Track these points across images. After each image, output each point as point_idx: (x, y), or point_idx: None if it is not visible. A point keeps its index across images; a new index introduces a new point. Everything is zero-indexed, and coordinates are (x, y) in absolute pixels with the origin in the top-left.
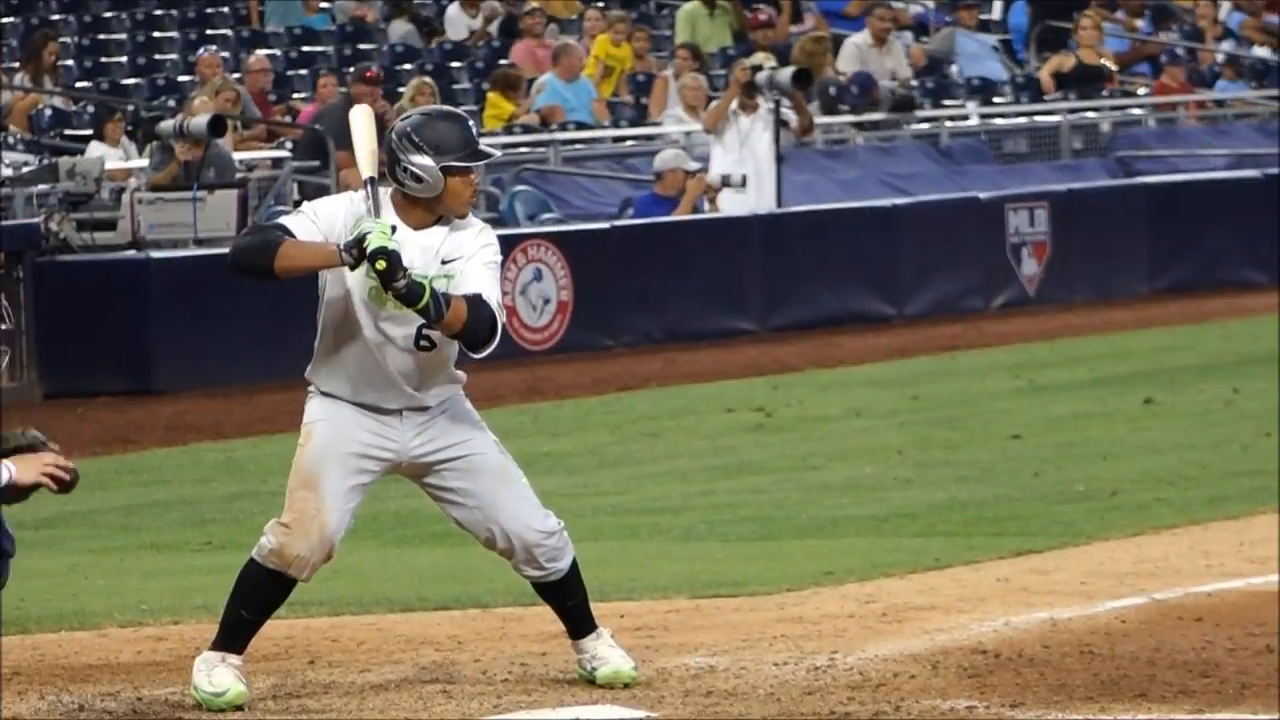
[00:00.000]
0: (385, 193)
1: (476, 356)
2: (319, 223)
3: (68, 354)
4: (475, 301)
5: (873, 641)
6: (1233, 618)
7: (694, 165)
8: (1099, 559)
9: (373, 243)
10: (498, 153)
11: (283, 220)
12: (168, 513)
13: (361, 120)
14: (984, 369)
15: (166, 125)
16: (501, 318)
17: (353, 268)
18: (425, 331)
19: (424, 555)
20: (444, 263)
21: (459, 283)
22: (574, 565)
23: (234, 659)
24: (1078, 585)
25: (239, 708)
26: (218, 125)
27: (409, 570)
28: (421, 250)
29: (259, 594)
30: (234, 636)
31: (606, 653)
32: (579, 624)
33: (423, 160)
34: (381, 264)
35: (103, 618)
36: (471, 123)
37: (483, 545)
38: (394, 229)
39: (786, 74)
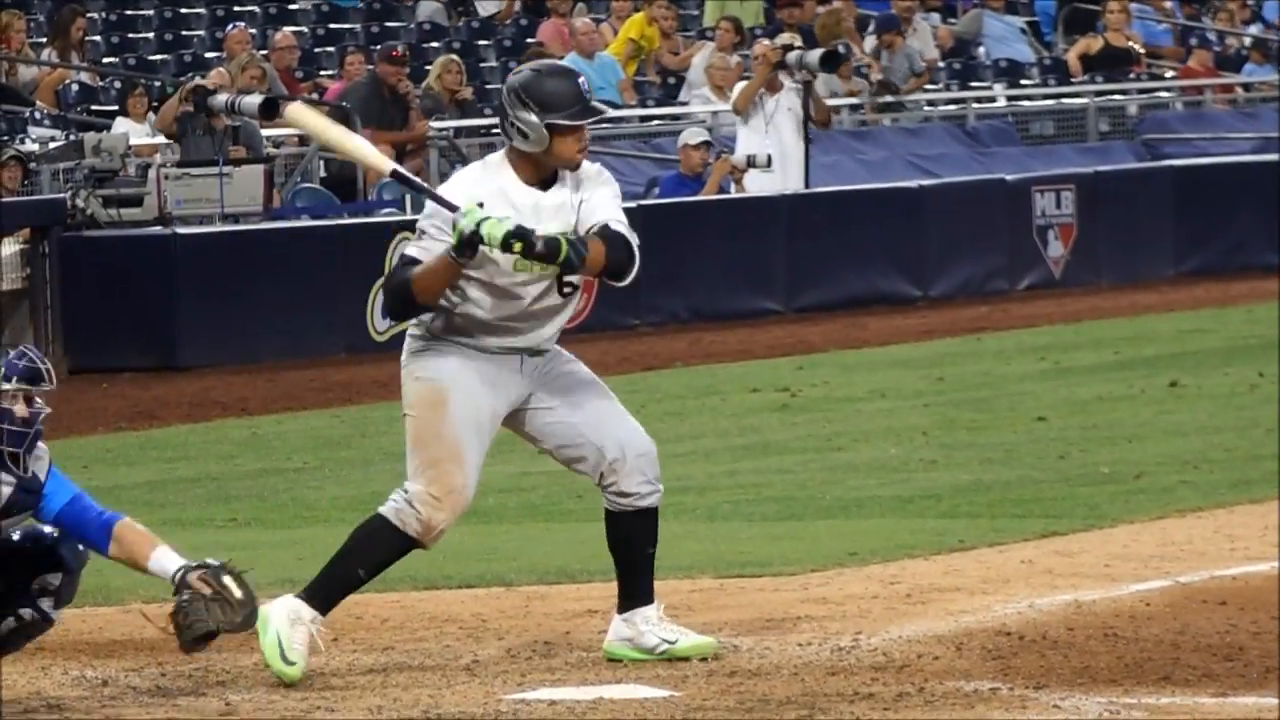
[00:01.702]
0: (502, 151)
1: (621, 285)
2: (446, 228)
3: (93, 329)
4: (609, 235)
5: (896, 622)
6: (1257, 601)
7: (701, 137)
8: (1123, 541)
9: (492, 236)
10: (609, 110)
11: (409, 249)
12: (192, 489)
13: (317, 125)
14: (1009, 351)
15: (219, 100)
16: (635, 241)
17: (470, 260)
18: (567, 279)
19: (449, 533)
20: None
21: (585, 219)
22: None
23: (320, 620)
24: (1102, 568)
25: (288, 685)
26: (271, 108)
27: (434, 548)
28: (555, 208)
29: (384, 555)
30: (333, 594)
31: (672, 627)
32: (647, 584)
33: (529, 117)
34: (518, 246)
35: (127, 593)
36: (583, 79)
37: (576, 467)
38: (481, 205)
39: (815, 56)
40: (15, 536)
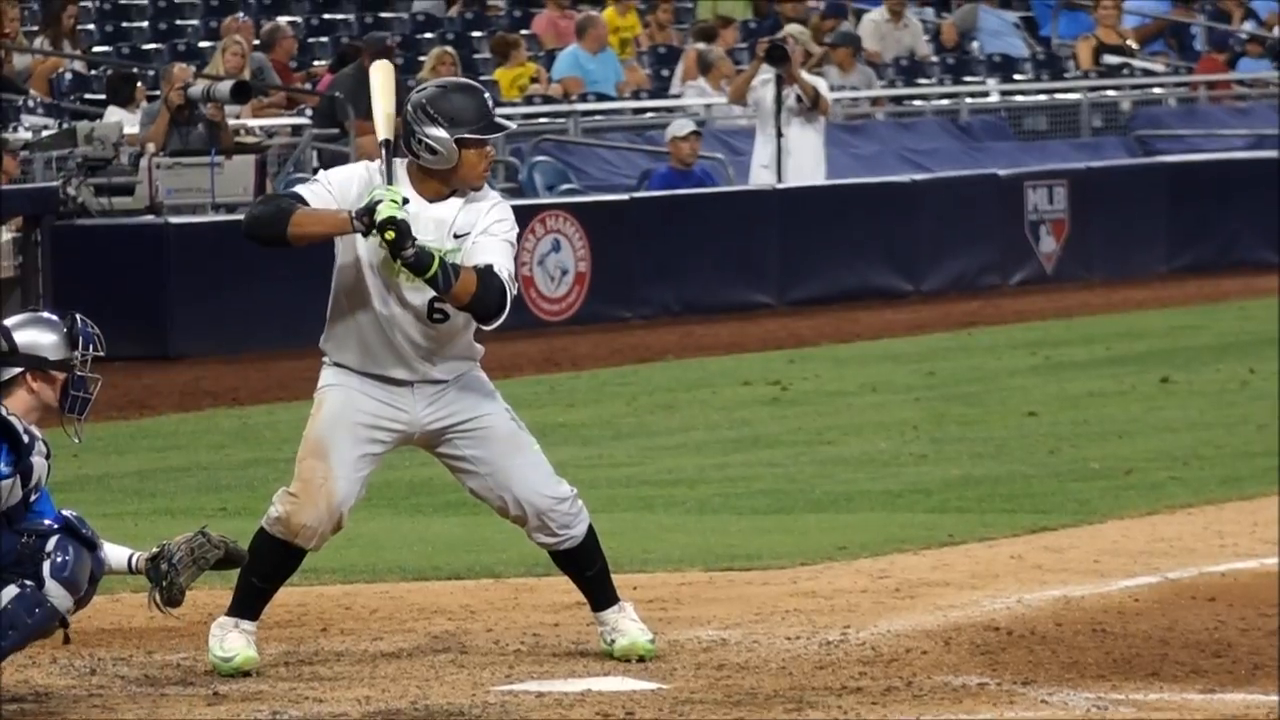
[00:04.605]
0: (401, 164)
1: (487, 329)
2: (333, 190)
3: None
4: (485, 273)
5: (885, 617)
6: (1245, 598)
7: (689, 128)
8: (1113, 537)
9: (382, 212)
10: (513, 125)
11: (298, 189)
12: (183, 478)
13: (380, 79)
14: (1001, 346)
15: (197, 90)
16: (513, 290)
17: (364, 235)
18: (438, 305)
19: (437, 524)
20: (456, 236)
21: (470, 254)
22: (591, 534)
23: (247, 625)
24: (1091, 563)
25: (246, 673)
26: (242, 91)
27: (422, 539)
28: (435, 223)
29: (267, 562)
30: (247, 603)
31: (626, 625)
32: (599, 595)
33: (437, 132)
34: (390, 234)
35: (116, 582)
36: (488, 95)
37: (498, 514)
38: (406, 200)
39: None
40: None
